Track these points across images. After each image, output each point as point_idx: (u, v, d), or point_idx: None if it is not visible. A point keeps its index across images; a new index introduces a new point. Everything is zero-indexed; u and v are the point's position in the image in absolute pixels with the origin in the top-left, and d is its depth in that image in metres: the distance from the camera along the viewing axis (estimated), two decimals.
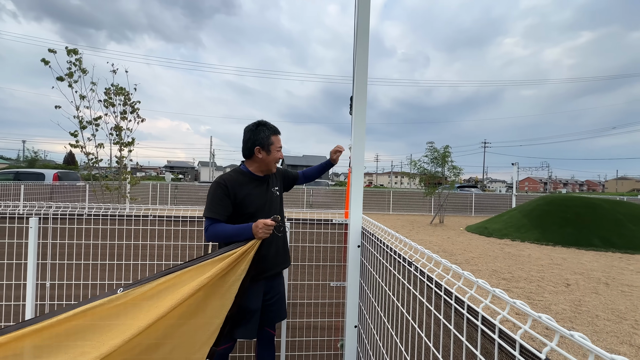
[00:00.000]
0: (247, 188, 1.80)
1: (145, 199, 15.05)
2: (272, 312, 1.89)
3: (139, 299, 1.36)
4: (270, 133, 1.83)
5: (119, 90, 4.94)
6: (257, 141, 1.81)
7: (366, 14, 2.02)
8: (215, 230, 1.67)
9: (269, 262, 1.81)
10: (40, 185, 9.70)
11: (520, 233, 9.03)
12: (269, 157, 1.84)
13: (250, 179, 1.84)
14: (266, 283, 1.84)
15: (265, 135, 1.81)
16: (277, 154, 1.87)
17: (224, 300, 1.53)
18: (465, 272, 0.82)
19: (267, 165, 1.87)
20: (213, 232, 1.67)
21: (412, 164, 13.32)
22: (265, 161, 1.85)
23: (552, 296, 4.39)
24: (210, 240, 1.73)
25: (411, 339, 1.13)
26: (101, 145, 4.86)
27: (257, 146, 1.81)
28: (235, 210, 1.75)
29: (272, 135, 1.83)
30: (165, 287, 1.40)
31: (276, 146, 1.86)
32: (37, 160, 42.61)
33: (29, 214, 2.21)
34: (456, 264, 5.27)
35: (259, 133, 1.81)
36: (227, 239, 1.67)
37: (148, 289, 1.37)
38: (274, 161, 1.88)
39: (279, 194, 2.00)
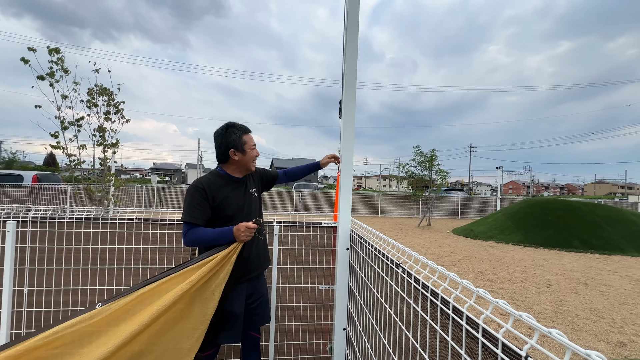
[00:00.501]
0: (225, 190, 1.76)
1: (130, 201, 14.68)
2: (255, 315, 1.87)
3: (120, 312, 1.33)
4: (242, 133, 1.79)
5: (103, 91, 4.82)
6: (230, 144, 1.77)
7: (355, 20, 2.05)
8: (195, 235, 1.63)
9: (251, 264, 1.80)
10: (18, 187, 9.32)
11: (505, 235, 9.26)
12: (245, 157, 1.81)
13: (228, 181, 1.81)
14: (248, 285, 1.82)
15: (237, 137, 1.78)
16: (252, 152, 1.84)
17: (207, 305, 1.51)
18: (450, 273, 0.84)
19: (246, 165, 1.84)
20: (192, 237, 1.63)
21: (400, 167, 13.48)
22: (242, 162, 1.82)
23: (535, 296, 4.51)
24: (189, 245, 1.68)
25: (399, 341, 1.14)
26: (84, 146, 4.72)
27: (231, 149, 1.78)
28: (214, 213, 1.72)
29: (243, 135, 1.79)
30: (146, 297, 1.37)
31: (250, 144, 1.82)
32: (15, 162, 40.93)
33: (6, 217, 2.13)
34: (443, 266, 5.34)
35: (230, 135, 1.78)
36: (207, 244, 1.64)
37: (128, 300, 1.34)
38: (252, 160, 1.85)
39: (257, 195, 1.96)
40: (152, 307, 1.35)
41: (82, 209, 2.35)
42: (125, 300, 1.33)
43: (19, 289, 2.12)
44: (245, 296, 1.80)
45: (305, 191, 16.52)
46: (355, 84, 2.08)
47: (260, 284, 1.93)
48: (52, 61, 4.38)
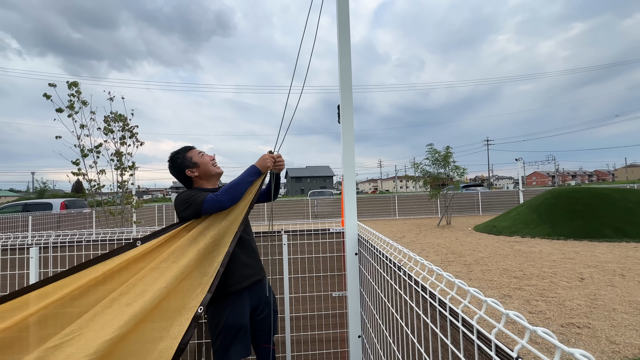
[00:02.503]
0: None
1: (152, 221, 15.15)
2: (265, 325, 1.83)
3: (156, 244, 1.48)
4: (183, 153, 1.78)
5: (118, 117, 5.05)
6: (181, 169, 1.77)
7: (346, 23, 2.06)
8: (223, 189, 1.62)
9: (251, 269, 1.76)
10: (48, 214, 9.84)
11: (530, 229, 8.86)
12: (200, 167, 1.79)
13: (209, 192, 1.80)
14: (252, 295, 1.77)
15: (181, 159, 1.77)
16: (202, 159, 1.80)
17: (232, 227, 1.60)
18: (457, 280, 0.81)
19: (207, 173, 1.81)
20: (223, 190, 1.61)
21: (414, 167, 13.25)
22: (202, 173, 1.79)
23: (566, 292, 4.27)
24: (229, 200, 1.60)
25: (407, 348, 1.10)
26: (103, 171, 4.95)
27: (185, 170, 1.77)
28: None
29: (186, 153, 1.78)
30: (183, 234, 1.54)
31: (195, 155, 1.79)
32: (45, 191, 43.40)
33: (30, 244, 2.24)
34: (466, 265, 5.17)
35: (175, 164, 1.78)
36: (240, 184, 1.64)
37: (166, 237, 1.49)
38: (208, 165, 1.80)
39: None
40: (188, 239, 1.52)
41: (107, 231, 2.44)
42: (163, 237, 1.48)
43: None
44: (252, 308, 1.77)
45: (320, 198, 16.52)
46: (351, 88, 2.08)
47: (264, 293, 1.88)
48: (71, 94, 4.65)
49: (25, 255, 2.23)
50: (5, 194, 69.40)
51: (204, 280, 1.47)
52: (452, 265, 5.94)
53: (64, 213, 10.29)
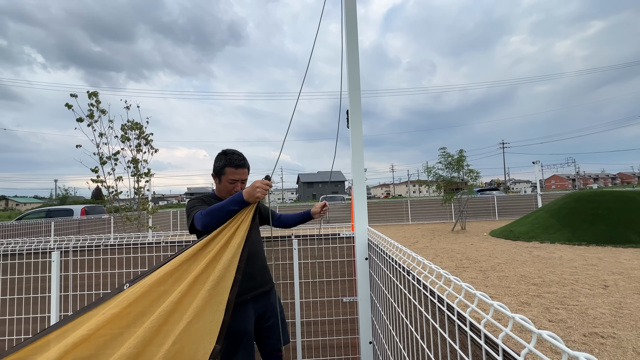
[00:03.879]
0: None
1: (167, 226, 15.48)
2: (274, 333, 1.81)
3: (146, 292, 1.31)
4: (225, 164, 1.77)
5: (134, 125, 5.25)
6: (214, 168, 1.81)
7: (354, 28, 2.08)
8: (205, 211, 1.51)
9: (255, 280, 1.74)
10: (69, 220, 10.21)
11: (549, 234, 8.55)
12: (220, 185, 1.81)
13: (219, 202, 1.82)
14: (258, 304, 1.76)
15: (220, 164, 1.78)
16: (227, 185, 1.78)
17: (228, 269, 1.43)
18: (464, 283, 0.80)
19: (221, 194, 1.82)
20: (204, 214, 1.50)
21: (427, 171, 13.07)
22: (219, 189, 1.83)
23: (589, 300, 4.08)
24: (205, 224, 1.50)
25: (420, 357, 1.09)
26: (120, 178, 5.13)
27: (213, 172, 1.82)
28: None
29: (227, 167, 1.76)
30: (168, 276, 1.37)
31: (227, 177, 1.77)
32: (67, 198, 45.09)
33: (51, 249, 2.34)
34: (481, 272, 5.03)
35: (217, 160, 1.81)
36: (219, 212, 1.49)
37: (153, 281, 1.33)
38: (225, 191, 1.80)
39: (255, 220, 1.90)
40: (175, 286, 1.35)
41: (123, 236, 2.52)
42: (150, 279, 1.32)
43: (65, 314, 2.29)
44: (258, 314, 1.76)
45: (332, 203, 16.49)
46: (359, 93, 2.10)
47: (272, 301, 1.86)
48: (90, 104, 4.87)
49: (47, 259, 2.33)
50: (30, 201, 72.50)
51: (211, 328, 1.36)
52: (467, 272, 5.79)
53: (84, 219, 10.66)
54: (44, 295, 2.30)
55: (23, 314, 2.28)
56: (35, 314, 2.29)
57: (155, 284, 1.34)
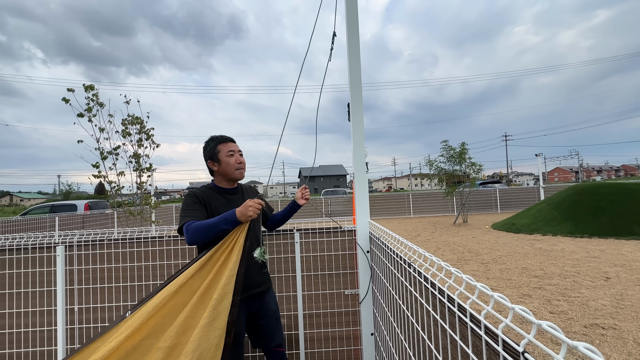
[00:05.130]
0: (218, 200, 1.74)
1: (169, 220, 15.58)
2: (268, 332, 1.80)
3: (155, 313, 1.35)
4: (215, 144, 1.77)
5: (135, 120, 5.24)
6: (206, 156, 1.79)
7: (355, 22, 2.06)
8: (195, 227, 1.49)
9: (251, 280, 1.70)
10: (73, 215, 10.30)
11: (551, 227, 8.55)
12: (222, 166, 1.78)
13: (219, 192, 1.79)
14: (253, 303, 1.74)
15: (210, 148, 1.78)
16: (228, 159, 1.76)
17: (225, 291, 1.43)
18: (465, 275, 0.80)
19: (226, 174, 1.79)
20: (193, 229, 1.48)
21: (429, 164, 13.02)
22: (221, 171, 1.79)
23: (590, 291, 4.10)
24: (192, 241, 1.51)
25: (418, 345, 1.10)
26: (122, 173, 5.15)
27: (208, 160, 1.79)
28: None
29: (217, 145, 1.77)
30: (169, 302, 1.39)
31: (224, 152, 1.77)
32: (70, 193, 45.39)
33: (56, 243, 2.36)
34: (483, 264, 5.04)
35: (205, 148, 1.80)
36: (210, 230, 1.48)
37: (155, 304, 1.35)
38: (229, 166, 1.77)
39: (259, 225, 1.85)
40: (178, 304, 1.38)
41: (126, 230, 2.54)
42: (150, 306, 1.34)
43: (71, 307, 2.33)
44: (252, 312, 1.75)
45: (333, 197, 16.51)
46: (360, 86, 2.08)
47: (267, 300, 1.83)
48: (88, 97, 4.86)
49: (52, 253, 2.35)
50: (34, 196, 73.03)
51: (216, 353, 1.38)
52: (468, 264, 5.81)
53: (88, 214, 10.74)
54: (49, 289, 2.33)
55: (30, 307, 2.32)
56: (42, 307, 2.32)
57: (156, 311, 1.35)
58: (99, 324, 2.32)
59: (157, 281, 2.33)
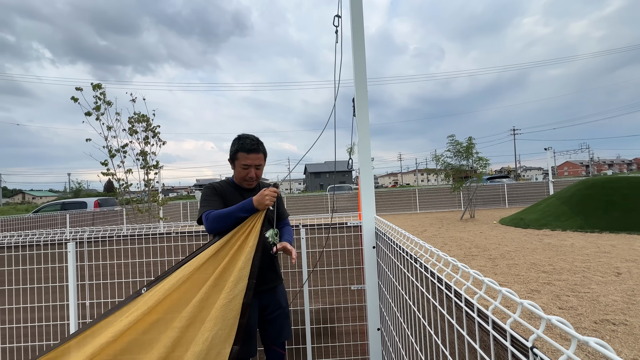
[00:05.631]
0: (233, 195, 1.77)
1: (177, 217, 15.78)
2: (276, 326, 1.80)
3: (171, 291, 1.38)
4: (237, 148, 1.74)
5: (141, 118, 5.29)
6: (229, 153, 1.80)
7: (359, 16, 2.03)
8: (214, 215, 1.54)
9: (263, 276, 1.71)
10: (83, 212, 10.49)
11: (561, 222, 8.42)
12: (235, 172, 1.80)
13: (235, 188, 1.82)
14: (263, 297, 1.77)
15: (232, 150, 1.77)
16: (241, 170, 1.75)
17: (242, 274, 1.46)
18: (472, 270, 0.79)
19: (236, 179, 1.82)
20: (212, 217, 1.54)
21: (435, 160, 12.90)
22: (234, 174, 1.82)
23: (601, 287, 4.03)
24: (212, 229, 1.56)
25: (424, 340, 1.10)
26: (130, 170, 5.22)
27: (229, 159, 1.81)
28: None
29: (239, 151, 1.74)
30: (184, 281, 1.41)
31: (240, 162, 1.74)
32: (80, 190, 46.22)
33: (67, 240, 2.41)
34: (490, 259, 5.00)
35: (232, 145, 1.79)
36: (227, 218, 1.53)
37: (171, 284, 1.39)
38: (239, 177, 1.78)
39: (271, 209, 1.77)
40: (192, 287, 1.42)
41: (135, 227, 2.58)
42: (166, 284, 1.38)
43: (82, 302, 2.38)
44: (261, 307, 1.77)
45: (339, 193, 16.50)
46: (365, 80, 2.06)
47: (277, 296, 1.84)
48: (95, 96, 4.92)
49: (63, 249, 2.40)
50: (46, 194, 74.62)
51: (231, 331, 1.42)
52: (476, 260, 5.77)
53: (98, 211, 10.93)
54: (61, 284, 2.38)
55: (43, 302, 2.37)
56: (54, 302, 2.38)
57: (172, 290, 1.38)
58: None
59: None
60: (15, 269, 2.40)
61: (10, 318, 2.37)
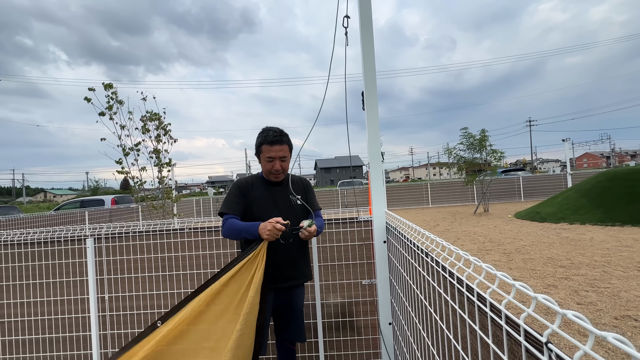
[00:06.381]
0: (258, 191, 1.79)
1: (190, 213, 16.10)
2: (289, 323, 1.81)
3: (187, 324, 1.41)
4: (261, 141, 1.75)
5: (153, 116, 5.40)
6: (255, 147, 1.81)
7: (368, 9, 2.00)
8: (228, 225, 1.64)
9: (282, 272, 1.73)
10: (101, 210, 10.82)
11: (579, 215, 8.16)
12: (261, 165, 1.81)
13: (262, 182, 1.83)
14: (279, 294, 1.77)
15: (257, 143, 1.78)
16: (266, 163, 1.75)
17: (250, 316, 1.49)
18: (485, 264, 0.77)
19: (264, 172, 1.82)
20: (226, 227, 1.65)
21: (448, 153, 12.68)
22: (262, 167, 1.82)
23: (622, 282, 3.90)
24: (225, 235, 1.69)
25: (440, 338, 1.09)
26: (144, 168, 5.34)
27: (255, 152, 1.82)
28: (246, 212, 1.75)
29: (262, 144, 1.74)
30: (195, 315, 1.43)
31: (264, 155, 1.74)
32: (98, 189, 47.70)
33: (86, 236, 2.49)
34: (505, 254, 4.90)
35: (256, 139, 1.79)
36: (238, 234, 1.63)
37: (184, 317, 1.40)
38: (265, 170, 1.78)
39: (300, 203, 1.87)
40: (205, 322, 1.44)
41: (144, 223, 2.65)
42: (181, 317, 1.40)
43: (101, 296, 2.46)
44: (277, 304, 1.77)
45: (349, 188, 16.46)
46: (374, 74, 2.03)
47: (296, 296, 1.83)
48: (108, 95, 5.05)
49: (83, 245, 2.49)
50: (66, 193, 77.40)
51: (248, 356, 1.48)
52: (490, 254, 5.67)
53: (115, 208, 11.26)
54: (82, 278, 2.47)
55: (65, 296, 2.47)
56: (75, 296, 2.47)
57: (188, 323, 1.41)
58: (128, 312, 2.44)
59: (180, 271, 2.42)
60: (39, 264, 2.50)
61: (35, 311, 2.48)
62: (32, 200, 60.95)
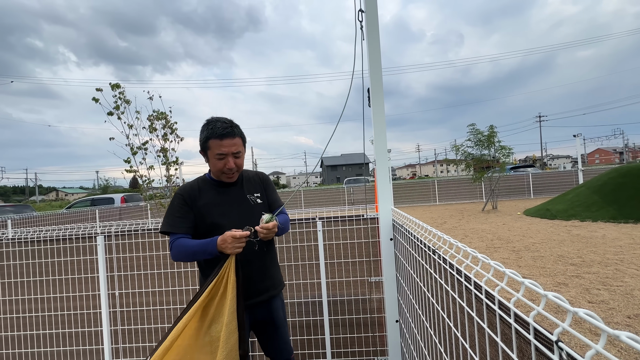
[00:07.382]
0: (208, 195, 1.50)
1: None
2: (276, 344, 1.62)
3: None
4: (207, 135, 1.44)
5: (160, 115, 5.47)
6: (199, 143, 1.50)
7: (373, 5, 1.98)
8: (178, 248, 1.39)
9: (253, 287, 1.50)
10: (111, 208, 11.02)
11: (591, 212, 8.00)
12: (210, 163, 1.50)
13: (212, 185, 1.54)
14: (254, 311, 1.54)
15: (203, 137, 1.47)
16: (215, 162, 1.45)
17: (230, 329, 1.34)
18: (493, 261, 0.76)
19: (213, 174, 1.54)
20: (176, 251, 1.40)
21: (455, 150, 12.52)
22: (210, 166, 1.52)
23: (635, 280, 3.82)
24: (177, 259, 1.42)
25: (447, 336, 1.08)
26: (151, 167, 5.42)
27: (200, 150, 1.52)
28: (197, 221, 1.47)
29: (209, 139, 1.43)
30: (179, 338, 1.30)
31: (214, 152, 1.44)
32: (108, 187, 48.59)
33: (97, 234, 2.54)
34: (514, 252, 4.83)
35: (200, 133, 1.48)
36: (192, 256, 1.40)
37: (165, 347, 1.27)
38: (216, 170, 1.48)
39: (260, 201, 1.59)
40: None
41: (153, 221, 2.68)
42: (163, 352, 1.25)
43: (112, 292, 2.51)
44: (256, 321, 1.57)
45: (355, 186, 16.42)
46: (380, 70, 2.01)
47: (275, 307, 1.60)
48: (115, 95, 5.12)
49: (93, 243, 2.54)
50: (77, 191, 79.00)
51: None
52: (498, 252, 5.60)
53: (124, 206, 11.45)
54: (93, 275, 2.53)
55: (77, 292, 2.53)
56: (87, 292, 2.53)
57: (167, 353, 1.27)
58: (138, 308, 2.48)
59: (188, 268, 2.45)
60: (51, 261, 2.56)
61: (49, 306, 2.54)
62: (45, 199, 62.37)
